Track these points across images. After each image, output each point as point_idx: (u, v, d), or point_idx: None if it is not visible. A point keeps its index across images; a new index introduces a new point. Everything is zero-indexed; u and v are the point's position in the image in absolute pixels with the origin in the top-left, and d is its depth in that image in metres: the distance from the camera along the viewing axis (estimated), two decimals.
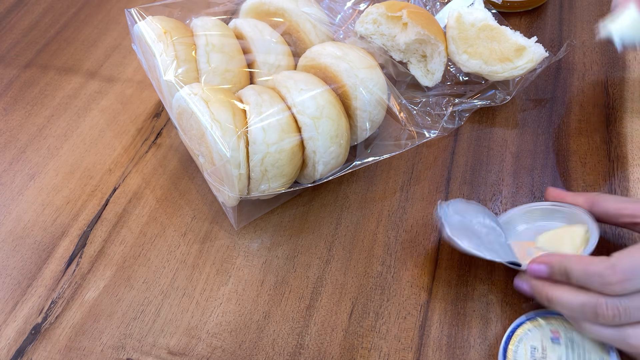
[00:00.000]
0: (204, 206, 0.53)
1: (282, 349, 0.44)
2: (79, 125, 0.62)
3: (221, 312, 0.46)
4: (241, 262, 0.49)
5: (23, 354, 0.45)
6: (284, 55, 0.53)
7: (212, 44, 0.50)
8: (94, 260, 0.50)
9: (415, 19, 0.54)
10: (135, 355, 0.44)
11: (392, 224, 0.51)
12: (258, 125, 0.44)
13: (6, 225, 0.53)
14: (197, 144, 0.47)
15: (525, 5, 0.68)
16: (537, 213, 0.47)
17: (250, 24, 0.53)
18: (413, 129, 0.52)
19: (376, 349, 0.43)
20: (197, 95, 0.46)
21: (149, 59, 0.52)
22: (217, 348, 0.44)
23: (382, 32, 0.56)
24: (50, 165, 0.58)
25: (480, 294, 0.45)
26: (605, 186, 0.51)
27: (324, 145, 0.46)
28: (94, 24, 0.75)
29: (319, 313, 0.46)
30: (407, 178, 0.54)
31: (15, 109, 0.64)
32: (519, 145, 0.56)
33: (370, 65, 0.50)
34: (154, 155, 0.58)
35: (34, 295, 0.48)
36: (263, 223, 0.52)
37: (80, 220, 0.53)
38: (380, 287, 0.47)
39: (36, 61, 0.70)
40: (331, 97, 0.47)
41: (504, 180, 0.53)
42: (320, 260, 0.49)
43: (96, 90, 0.66)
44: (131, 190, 0.55)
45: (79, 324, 0.46)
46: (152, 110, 0.63)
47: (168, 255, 0.50)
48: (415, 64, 0.57)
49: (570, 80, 0.61)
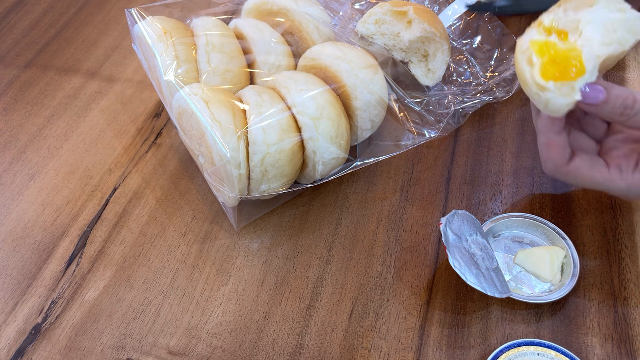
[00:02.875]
0: (204, 206, 0.53)
1: (282, 349, 0.44)
2: (79, 125, 0.62)
3: (221, 312, 0.46)
4: (241, 262, 0.49)
5: (23, 354, 0.45)
6: (284, 56, 0.53)
7: (212, 44, 0.50)
8: (94, 260, 0.50)
9: (422, 16, 0.54)
10: (135, 355, 0.44)
11: (392, 224, 0.51)
12: (258, 125, 0.44)
13: (6, 225, 0.53)
14: (197, 144, 0.47)
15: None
16: (518, 223, 0.49)
17: (251, 24, 0.53)
18: (413, 129, 0.52)
19: (376, 349, 0.43)
20: (197, 95, 0.46)
21: (149, 59, 0.52)
22: (217, 348, 0.44)
23: (384, 32, 0.56)
24: (50, 165, 0.58)
25: (480, 294, 0.45)
26: None
27: (324, 146, 0.46)
28: (94, 24, 0.75)
29: (319, 313, 0.46)
30: (407, 178, 0.54)
31: (15, 109, 0.64)
32: (519, 145, 0.56)
33: (371, 65, 0.50)
34: (154, 155, 0.58)
35: (34, 295, 0.48)
36: (263, 223, 0.52)
37: (80, 220, 0.53)
38: (380, 287, 0.47)
39: (36, 61, 0.70)
40: (331, 98, 0.47)
41: (504, 180, 0.53)
42: (320, 260, 0.49)
43: (96, 90, 0.66)
44: (131, 190, 0.55)
45: (79, 324, 0.46)
46: (152, 110, 0.63)
47: (168, 255, 0.50)
48: (416, 63, 0.57)
49: None
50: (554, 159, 0.43)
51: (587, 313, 0.44)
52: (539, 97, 0.40)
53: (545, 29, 0.41)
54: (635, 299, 0.44)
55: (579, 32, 0.39)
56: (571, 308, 0.44)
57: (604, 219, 0.49)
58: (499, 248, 0.48)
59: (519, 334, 0.43)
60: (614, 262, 0.47)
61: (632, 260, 0.47)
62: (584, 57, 0.38)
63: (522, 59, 0.41)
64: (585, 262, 0.47)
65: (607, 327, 0.43)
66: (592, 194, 0.51)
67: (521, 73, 0.41)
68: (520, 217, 0.48)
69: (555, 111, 0.40)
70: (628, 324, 0.43)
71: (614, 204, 0.50)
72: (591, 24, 0.39)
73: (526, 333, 0.43)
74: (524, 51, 0.40)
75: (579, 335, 0.43)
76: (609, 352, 0.42)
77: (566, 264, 0.46)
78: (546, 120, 0.43)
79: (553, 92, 0.39)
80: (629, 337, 0.43)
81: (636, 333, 0.43)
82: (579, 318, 0.44)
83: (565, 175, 0.44)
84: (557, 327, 0.44)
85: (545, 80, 0.39)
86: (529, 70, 0.40)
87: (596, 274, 0.46)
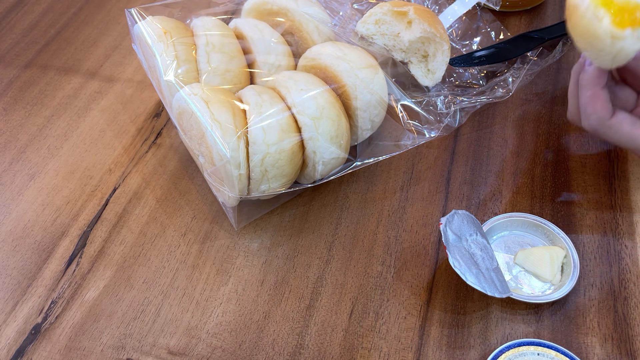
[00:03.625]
0: (204, 206, 0.53)
1: (282, 349, 0.44)
2: (79, 125, 0.62)
3: (221, 312, 0.46)
4: (241, 262, 0.49)
5: (23, 354, 0.45)
6: (284, 56, 0.53)
7: (212, 44, 0.50)
8: (94, 260, 0.50)
9: (422, 16, 0.54)
10: (135, 355, 0.44)
11: (392, 224, 0.51)
12: (258, 125, 0.44)
13: (6, 225, 0.53)
14: (197, 144, 0.47)
15: (525, 4, 0.68)
16: (518, 223, 0.49)
17: (251, 24, 0.53)
18: (413, 129, 0.52)
19: (376, 349, 0.43)
20: (197, 95, 0.46)
21: (149, 59, 0.52)
22: (217, 348, 0.44)
23: (384, 32, 0.56)
24: (50, 165, 0.58)
25: (480, 294, 0.45)
26: (605, 186, 0.51)
27: (324, 146, 0.46)
28: (94, 24, 0.75)
29: (319, 313, 0.46)
30: (407, 178, 0.54)
31: (15, 109, 0.64)
32: (519, 145, 0.56)
33: (371, 65, 0.50)
34: (154, 155, 0.58)
35: (34, 295, 0.48)
36: (263, 223, 0.52)
37: (80, 220, 0.53)
38: (380, 287, 0.47)
39: (36, 61, 0.70)
40: (331, 98, 0.47)
41: (504, 180, 0.53)
42: (320, 260, 0.49)
43: (96, 90, 0.66)
44: (131, 190, 0.55)
45: (79, 324, 0.46)
46: (152, 110, 0.63)
47: (168, 255, 0.50)
48: (416, 64, 0.57)
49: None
50: (599, 111, 0.44)
51: (587, 313, 0.44)
52: (611, 48, 0.41)
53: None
54: (635, 299, 0.44)
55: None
56: (571, 308, 0.44)
57: (604, 219, 0.49)
58: (499, 248, 0.48)
59: (519, 334, 0.43)
60: (614, 262, 0.47)
61: (632, 260, 0.47)
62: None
63: (585, 15, 0.41)
64: (585, 262, 0.47)
65: (607, 327, 0.43)
66: (592, 194, 0.51)
67: (589, 29, 0.41)
68: (520, 217, 0.48)
69: (625, 58, 0.41)
70: (628, 324, 0.43)
71: (614, 204, 0.50)
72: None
73: (526, 333, 0.43)
74: (586, 8, 0.41)
75: (579, 335, 0.43)
76: (609, 352, 0.42)
77: (566, 264, 0.46)
78: (592, 75, 0.44)
79: (629, 39, 0.40)
80: (629, 337, 0.43)
81: (636, 333, 0.43)
82: (579, 318, 0.44)
83: (608, 129, 0.45)
84: (557, 327, 0.44)
85: (621, 29, 0.40)
86: (599, 25, 0.41)
87: (596, 274, 0.46)
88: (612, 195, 0.51)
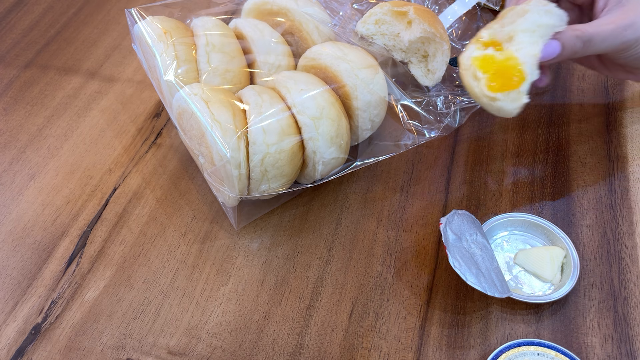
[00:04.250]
0: (204, 206, 0.53)
1: (282, 349, 0.44)
2: (79, 125, 0.62)
3: (221, 312, 0.46)
4: (241, 262, 0.49)
5: (23, 354, 0.45)
6: (284, 56, 0.53)
7: (212, 44, 0.50)
8: (94, 260, 0.50)
9: (422, 16, 0.54)
10: (135, 355, 0.44)
11: (392, 224, 0.51)
12: (258, 125, 0.44)
13: (6, 225, 0.53)
14: (197, 144, 0.47)
15: None
16: (518, 223, 0.49)
17: (251, 24, 0.53)
18: (413, 129, 0.52)
19: (376, 349, 0.43)
20: (197, 95, 0.46)
21: (149, 59, 0.52)
22: (217, 348, 0.44)
23: (384, 32, 0.56)
24: (50, 165, 0.58)
25: (480, 294, 0.45)
26: (605, 186, 0.51)
27: (324, 146, 0.46)
28: (94, 24, 0.75)
29: (319, 313, 0.46)
30: (407, 178, 0.54)
31: (15, 109, 0.64)
32: (519, 145, 0.56)
33: (371, 65, 0.50)
34: (154, 155, 0.58)
35: (34, 295, 0.48)
36: (263, 223, 0.52)
37: (80, 220, 0.53)
38: (380, 287, 0.47)
39: (36, 61, 0.70)
40: (331, 98, 0.47)
41: (504, 180, 0.53)
42: (320, 260, 0.49)
43: (96, 90, 0.66)
44: (131, 190, 0.55)
45: (79, 324, 0.46)
46: (152, 110, 0.63)
47: (168, 255, 0.50)
48: (416, 64, 0.57)
49: (570, 80, 0.61)
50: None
51: (587, 313, 0.44)
52: (491, 107, 0.43)
53: (484, 44, 0.44)
54: (635, 299, 0.44)
55: (513, 39, 0.43)
56: (571, 308, 0.44)
57: (604, 219, 0.49)
58: (499, 248, 0.48)
59: (519, 334, 0.43)
60: (614, 262, 0.47)
61: (632, 260, 0.47)
62: (521, 62, 0.42)
63: (467, 75, 0.44)
64: (585, 262, 0.47)
65: (607, 327, 0.43)
66: (592, 194, 0.51)
67: (470, 88, 0.44)
68: (520, 217, 0.48)
69: (508, 114, 0.43)
70: (628, 324, 0.43)
71: (614, 204, 0.50)
72: (523, 31, 0.43)
73: (526, 333, 0.43)
74: (468, 68, 0.44)
75: (579, 335, 0.43)
76: (609, 352, 0.42)
77: (566, 264, 0.46)
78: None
79: (503, 100, 0.42)
80: (629, 337, 0.43)
81: (636, 333, 0.43)
82: (579, 318, 0.44)
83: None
84: (557, 327, 0.44)
85: (493, 93, 0.42)
86: (477, 85, 0.43)
87: (596, 274, 0.46)
88: (612, 195, 0.51)
